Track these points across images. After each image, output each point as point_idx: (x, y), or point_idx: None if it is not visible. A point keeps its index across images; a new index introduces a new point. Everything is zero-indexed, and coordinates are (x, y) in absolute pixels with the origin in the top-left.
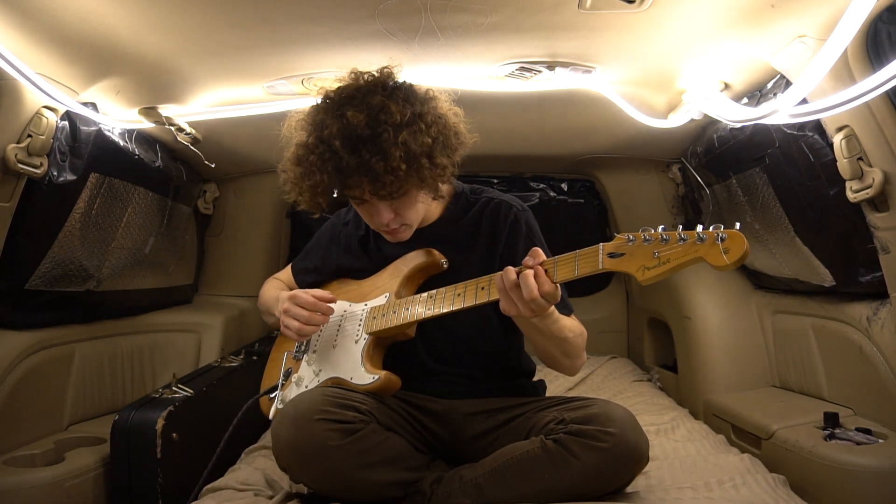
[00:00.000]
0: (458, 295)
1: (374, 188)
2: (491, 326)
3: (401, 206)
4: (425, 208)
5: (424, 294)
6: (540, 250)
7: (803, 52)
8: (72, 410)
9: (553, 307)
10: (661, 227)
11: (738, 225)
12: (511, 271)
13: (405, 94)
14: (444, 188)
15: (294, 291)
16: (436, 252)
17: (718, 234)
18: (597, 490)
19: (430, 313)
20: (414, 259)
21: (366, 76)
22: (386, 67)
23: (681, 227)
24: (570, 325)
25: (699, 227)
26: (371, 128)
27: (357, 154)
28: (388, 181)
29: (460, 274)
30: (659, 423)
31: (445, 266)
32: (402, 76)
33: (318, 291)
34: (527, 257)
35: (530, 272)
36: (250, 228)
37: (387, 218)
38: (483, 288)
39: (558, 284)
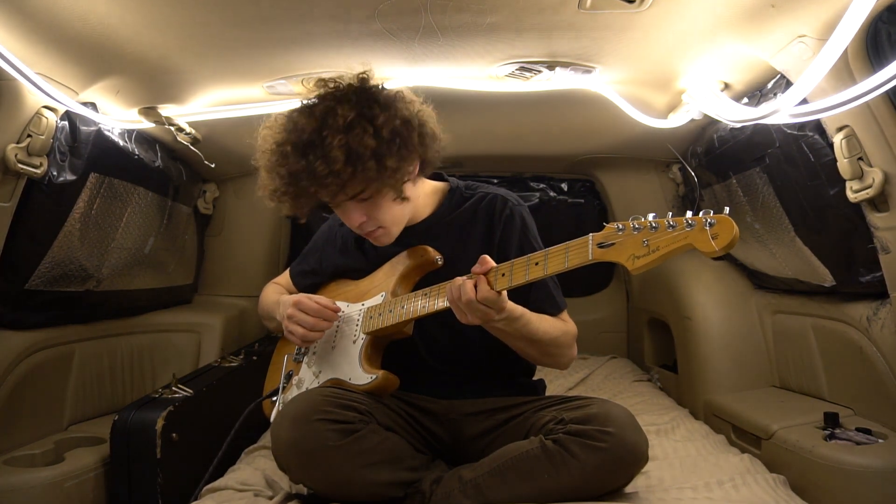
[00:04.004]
0: None
1: (321, 191)
2: None
3: (370, 209)
4: (403, 211)
5: (420, 291)
6: (489, 258)
7: (803, 52)
8: (72, 410)
9: (523, 310)
10: (652, 214)
11: (727, 210)
12: (457, 282)
13: (359, 97)
14: (439, 185)
15: (298, 297)
16: (430, 249)
17: (707, 220)
18: (596, 490)
19: (425, 310)
20: (409, 257)
21: (330, 84)
22: (362, 73)
23: (670, 214)
24: (548, 327)
25: (688, 214)
26: (318, 132)
27: (304, 158)
28: (330, 183)
29: (457, 269)
30: (659, 423)
31: (440, 263)
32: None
33: (321, 298)
34: (476, 265)
35: (469, 281)
36: (250, 228)
37: (357, 220)
38: None
39: (503, 292)
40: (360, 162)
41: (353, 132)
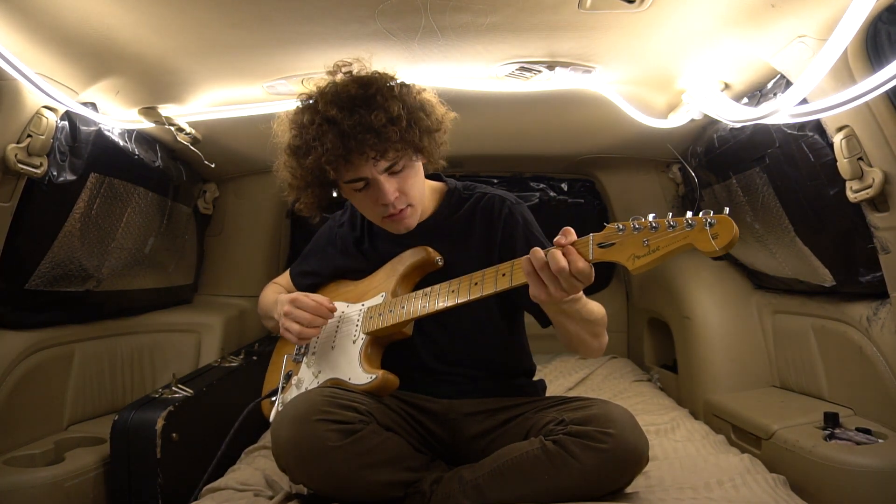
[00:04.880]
0: (452, 291)
1: (380, 145)
2: (493, 325)
3: (404, 181)
4: (423, 192)
5: (420, 291)
6: (571, 229)
7: (803, 52)
8: (72, 410)
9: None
10: (652, 214)
11: (727, 210)
12: (539, 251)
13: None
14: (437, 185)
15: (294, 294)
16: (431, 249)
17: (707, 220)
18: (597, 491)
19: (425, 310)
20: (409, 257)
21: (343, 69)
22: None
23: (670, 214)
24: (593, 306)
25: (689, 214)
26: (364, 89)
27: (356, 113)
28: (392, 133)
29: (457, 271)
30: (659, 423)
31: (441, 263)
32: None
33: (318, 296)
34: (558, 236)
35: (558, 250)
36: (250, 228)
37: (392, 194)
38: (476, 283)
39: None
40: (413, 113)
41: (402, 88)
